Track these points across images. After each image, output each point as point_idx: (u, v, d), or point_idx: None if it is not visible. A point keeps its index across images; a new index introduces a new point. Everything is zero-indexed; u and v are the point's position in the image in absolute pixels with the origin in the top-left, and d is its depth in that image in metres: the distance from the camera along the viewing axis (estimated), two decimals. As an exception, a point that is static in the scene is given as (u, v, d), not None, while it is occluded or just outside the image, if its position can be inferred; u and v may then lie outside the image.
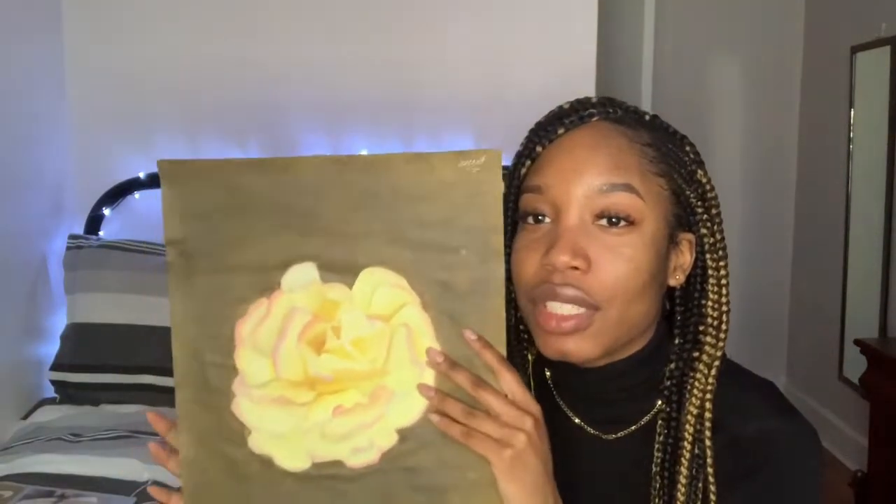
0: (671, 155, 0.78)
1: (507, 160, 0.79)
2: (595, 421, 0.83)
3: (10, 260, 2.09)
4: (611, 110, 0.79)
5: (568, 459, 0.82)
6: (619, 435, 0.82)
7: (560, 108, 0.81)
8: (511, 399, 0.70)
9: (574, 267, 0.73)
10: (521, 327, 0.84)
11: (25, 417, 2.04)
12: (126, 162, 2.34)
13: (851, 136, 3.18)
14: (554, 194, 0.76)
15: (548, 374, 0.86)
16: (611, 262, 0.74)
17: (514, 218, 0.80)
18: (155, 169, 0.74)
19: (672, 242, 0.78)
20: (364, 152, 2.40)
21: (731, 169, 3.75)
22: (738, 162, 3.78)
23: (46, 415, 2.01)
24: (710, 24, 3.70)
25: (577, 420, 0.83)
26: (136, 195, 2.34)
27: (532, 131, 0.81)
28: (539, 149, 0.79)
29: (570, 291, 0.74)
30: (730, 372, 0.82)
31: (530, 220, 0.78)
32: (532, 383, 0.86)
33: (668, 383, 0.80)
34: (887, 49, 2.90)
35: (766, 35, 3.73)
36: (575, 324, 0.74)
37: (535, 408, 0.70)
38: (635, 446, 0.80)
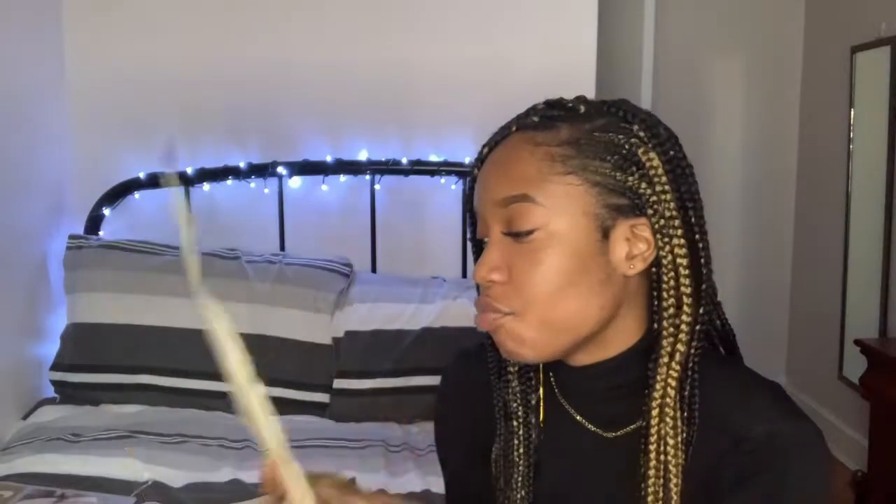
0: (596, 144, 0.76)
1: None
2: (595, 419, 0.83)
3: (10, 260, 2.09)
4: (528, 119, 0.80)
5: (569, 456, 0.83)
6: (618, 433, 0.81)
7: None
8: None
9: (492, 280, 0.77)
10: None
11: (25, 417, 2.04)
12: (126, 162, 2.34)
13: (851, 136, 3.17)
14: (480, 216, 0.81)
15: (551, 374, 0.87)
16: (523, 268, 0.76)
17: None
18: (154, 169, 0.73)
19: (605, 237, 0.76)
20: (364, 152, 2.41)
21: (731, 169, 3.75)
22: (738, 162, 3.77)
23: (46, 415, 2.01)
24: (710, 24, 3.70)
25: (578, 417, 0.84)
26: (136, 195, 2.34)
27: None
28: (476, 171, 0.84)
29: (488, 302, 0.78)
30: (736, 372, 0.82)
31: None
32: (542, 379, 0.86)
33: (654, 374, 0.78)
34: (887, 49, 2.89)
35: (766, 35, 3.73)
36: (495, 318, 0.78)
37: None
38: (635, 445, 0.79)
